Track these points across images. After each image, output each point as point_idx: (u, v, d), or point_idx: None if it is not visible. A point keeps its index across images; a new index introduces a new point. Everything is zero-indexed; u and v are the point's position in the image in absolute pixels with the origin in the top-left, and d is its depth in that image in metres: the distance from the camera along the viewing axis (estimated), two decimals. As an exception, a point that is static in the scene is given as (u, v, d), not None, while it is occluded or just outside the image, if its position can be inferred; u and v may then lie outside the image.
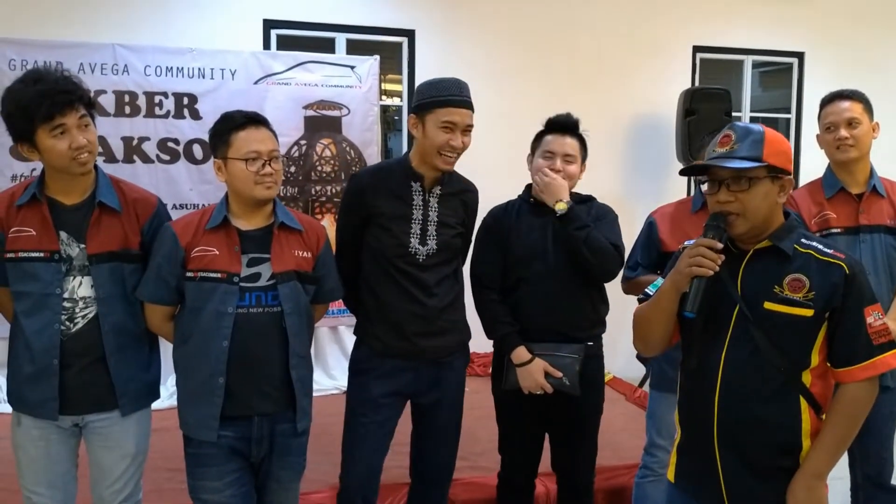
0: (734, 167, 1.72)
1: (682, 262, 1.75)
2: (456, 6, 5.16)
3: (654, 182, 5.38)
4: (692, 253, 1.73)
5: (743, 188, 1.73)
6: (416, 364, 2.46)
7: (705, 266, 1.70)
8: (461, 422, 2.62)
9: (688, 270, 1.73)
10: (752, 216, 1.74)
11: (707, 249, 1.71)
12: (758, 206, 1.73)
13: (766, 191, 1.74)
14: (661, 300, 1.83)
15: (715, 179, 1.77)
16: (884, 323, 1.75)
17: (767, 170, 1.73)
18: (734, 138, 1.76)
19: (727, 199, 1.74)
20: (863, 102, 2.72)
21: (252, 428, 2.18)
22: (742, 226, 1.75)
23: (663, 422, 2.79)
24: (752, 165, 1.72)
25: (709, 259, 1.71)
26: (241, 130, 2.16)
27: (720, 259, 1.72)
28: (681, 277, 1.75)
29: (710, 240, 1.73)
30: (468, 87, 2.44)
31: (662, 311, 1.83)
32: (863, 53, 5.82)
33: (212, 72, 4.17)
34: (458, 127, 2.37)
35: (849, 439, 1.76)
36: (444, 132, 2.37)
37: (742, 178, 1.73)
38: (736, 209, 1.74)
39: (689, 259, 1.73)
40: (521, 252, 2.56)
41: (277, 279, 2.17)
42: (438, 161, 2.39)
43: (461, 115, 2.38)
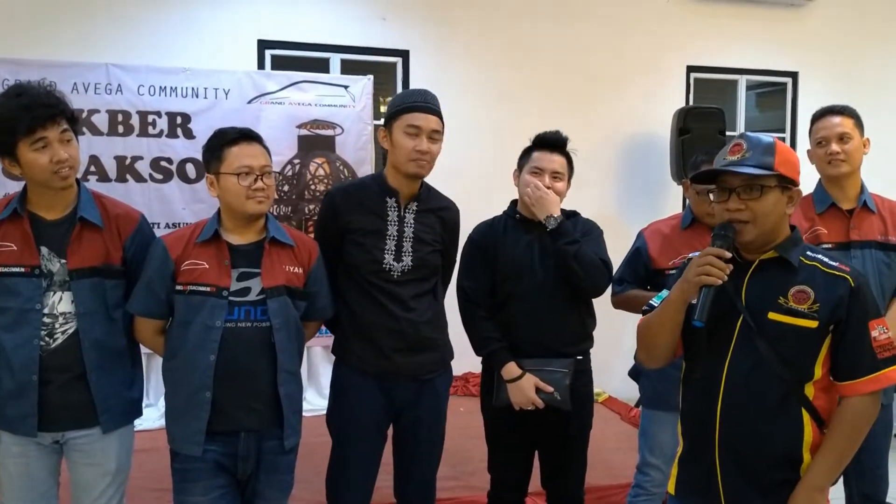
0: (748, 173, 1.73)
1: (691, 271, 1.75)
2: (450, 27, 5.19)
3: (647, 200, 5.38)
4: (701, 262, 1.73)
5: (754, 196, 1.74)
6: (394, 382, 2.43)
7: (714, 275, 1.70)
8: (443, 442, 2.58)
9: (696, 279, 1.72)
10: (761, 224, 1.75)
11: (715, 258, 1.71)
12: (768, 214, 1.74)
13: (775, 200, 1.75)
14: (668, 310, 1.82)
15: (725, 188, 1.78)
16: (889, 337, 1.74)
17: (778, 179, 1.75)
18: (745, 147, 1.77)
19: (738, 206, 1.75)
20: (854, 118, 2.73)
21: (238, 444, 2.16)
22: (751, 234, 1.75)
23: (656, 440, 2.77)
24: (764, 173, 1.73)
25: (717, 268, 1.70)
26: (233, 146, 2.18)
27: (728, 268, 1.72)
28: (689, 286, 1.75)
29: (718, 249, 1.73)
30: (436, 98, 2.45)
31: (670, 321, 1.83)
32: (855, 73, 5.85)
33: (205, 91, 4.18)
34: (422, 131, 2.36)
35: (850, 453, 1.75)
36: (409, 138, 2.36)
37: (754, 186, 1.74)
38: (746, 217, 1.74)
39: (698, 268, 1.73)
40: (509, 268, 2.55)
41: (267, 294, 2.17)
42: (411, 167, 2.38)
43: (425, 120, 2.37)
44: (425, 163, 2.38)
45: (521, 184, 2.60)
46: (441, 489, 3.22)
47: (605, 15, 5.46)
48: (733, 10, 5.68)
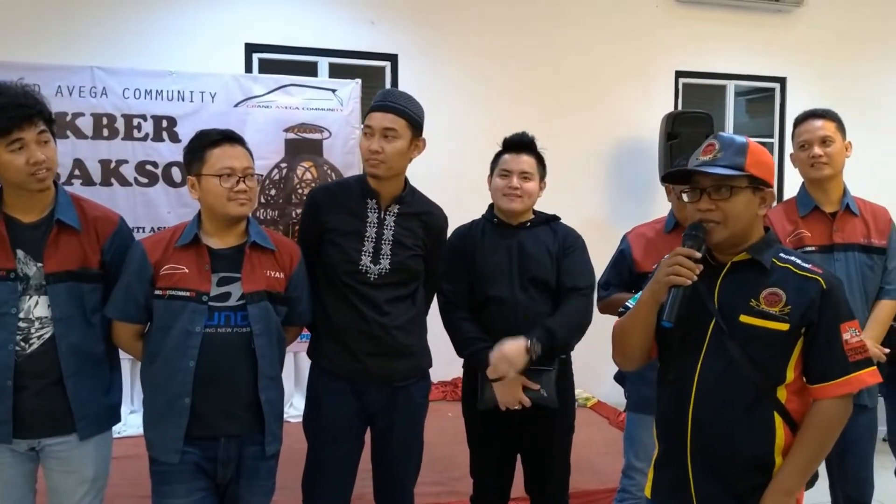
0: (716, 173, 1.72)
1: (661, 271, 1.74)
2: (439, 31, 5.18)
3: (636, 204, 5.38)
4: (670, 262, 1.72)
5: (724, 196, 1.73)
6: (365, 386, 2.40)
7: (683, 275, 1.70)
8: (421, 450, 2.56)
9: (665, 279, 1.72)
10: (732, 225, 1.74)
11: (685, 259, 1.71)
12: (738, 215, 1.74)
13: (746, 200, 1.74)
14: (639, 311, 1.82)
15: (697, 188, 1.78)
16: (861, 340, 1.73)
17: (749, 179, 1.74)
18: (718, 147, 1.77)
19: (708, 207, 1.75)
20: (835, 122, 2.74)
21: (219, 449, 2.14)
22: (721, 234, 1.75)
23: (641, 444, 2.76)
24: (733, 173, 1.72)
25: (686, 268, 1.70)
26: (215, 147, 2.16)
27: (698, 269, 1.71)
28: (659, 287, 1.74)
29: (688, 249, 1.72)
30: (404, 97, 2.41)
31: (641, 322, 1.82)
32: (843, 78, 5.85)
33: (191, 94, 4.15)
34: (374, 131, 2.34)
35: (821, 456, 1.74)
36: (365, 138, 2.37)
37: (723, 187, 1.73)
38: (716, 217, 1.74)
39: (667, 268, 1.72)
40: (487, 271, 2.55)
41: (247, 299, 2.15)
42: (366, 167, 2.39)
43: (377, 119, 2.34)
44: (378, 162, 2.34)
45: (492, 189, 2.63)
46: (427, 494, 3.23)
47: (594, 20, 5.46)
48: (722, 15, 5.69)
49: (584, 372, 2.68)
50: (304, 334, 2.58)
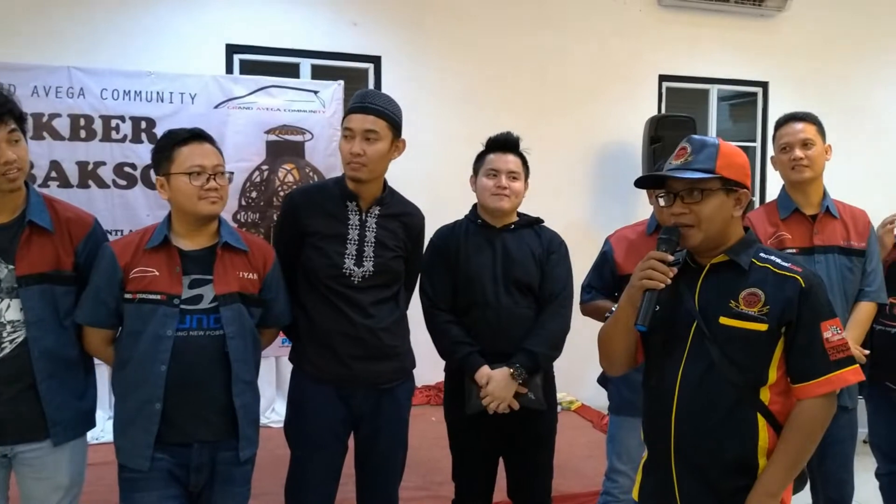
0: (686, 177, 1.72)
1: (634, 275, 1.74)
2: (423, 33, 5.17)
3: (621, 207, 5.37)
4: (643, 266, 1.72)
5: (696, 200, 1.73)
6: (352, 390, 2.37)
7: (656, 279, 1.69)
8: (406, 452, 2.53)
9: (639, 283, 1.72)
10: (706, 228, 1.73)
11: (658, 262, 1.70)
12: (711, 217, 1.73)
13: (719, 202, 1.74)
14: (619, 316, 1.82)
15: (670, 192, 1.77)
16: (842, 338, 1.71)
17: (721, 181, 1.73)
18: (689, 150, 1.76)
19: (681, 210, 1.74)
20: (816, 125, 2.75)
21: (191, 454, 2.10)
22: (695, 238, 1.74)
23: (623, 446, 2.76)
24: (704, 176, 1.71)
25: (659, 272, 1.69)
26: (183, 146, 2.13)
27: (671, 272, 1.71)
28: (634, 291, 1.74)
29: (661, 252, 1.72)
30: (383, 98, 2.39)
31: (622, 327, 1.82)
32: (824, 83, 5.91)
33: (171, 96, 4.10)
34: (355, 133, 2.32)
35: (805, 456, 1.72)
36: (345, 141, 2.34)
37: (695, 190, 1.73)
38: (690, 221, 1.73)
39: (641, 272, 1.72)
40: (470, 274, 2.53)
41: (220, 301, 2.11)
42: (347, 171, 2.35)
43: (357, 121, 2.32)
44: (359, 165, 2.32)
45: (478, 189, 2.60)
46: (410, 499, 3.20)
47: (578, 23, 5.47)
48: (705, 20, 5.71)
49: (568, 375, 2.68)
50: (285, 338, 2.55)
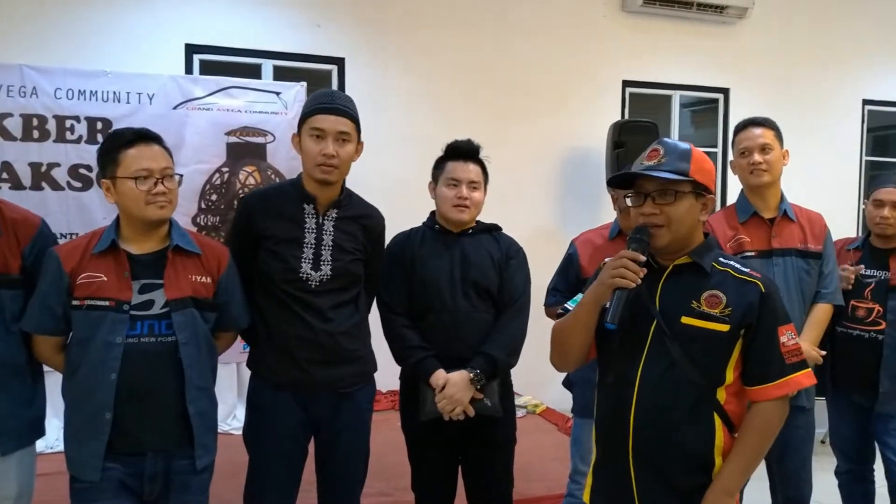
0: (663, 177, 1.74)
1: (605, 273, 1.74)
2: (387, 36, 5.14)
3: (585, 212, 5.39)
4: (615, 265, 1.72)
5: (668, 201, 1.75)
6: (312, 395, 2.33)
7: (628, 278, 1.70)
8: (368, 456, 2.50)
9: (610, 282, 1.72)
10: (675, 230, 1.76)
11: (630, 261, 1.71)
12: (681, 219, 1.75)
13: (689, 205, 1.77)
14: (581, 313, 1.81)
15: (641, 192, 1.79)
16: (796, 342, 1.76)
17: (692, 185, 1.76)
18: (662, 152, 1.78)
19: (652, 211, 1.76)
20: (774, 130, 2.80)
21: (145, 464, 2.04)
22: (665, 238, 1.76)
23: (587, 448, 2.75)
24: (679, 178, 1.74)
25: (631, 271, 1.70)
26: (130, 147, 2.06)
27: (642, 272, 1.72)
28: (603, 289, 1.74)
29: (633, 252, 1.73)
30: (349, 99, 2.37)
31: (582, 324, 1.81)
32: (783, 89, 5.99)
33: (128, 96, 4.03)
34: (327, 134, 2.27)
35: (760, 456, 1.77)
36: (314, 141, 2.28)
37: (668, 192, 1.75)
38: (660, 221, 1.75)
39: (612, 270, 1.72)
40: (427, 279, 2.50)
41: (171, 306, 2.06)
42: (317, 172, 2.29)
43: (330, 122, 2.27)
44: (331, 168, 2.28)
45: (439, 198, 2.57)
46: (373, 505, 3.16)
47: (542, 28, 5.47)
48: (667, 26, 5.76)
49: (533, 378, 2.66)
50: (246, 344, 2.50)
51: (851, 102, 6.30)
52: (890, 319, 2.85)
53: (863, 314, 2.91)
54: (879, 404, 2.86)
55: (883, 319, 2.86)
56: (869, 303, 2.91)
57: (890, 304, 2.86)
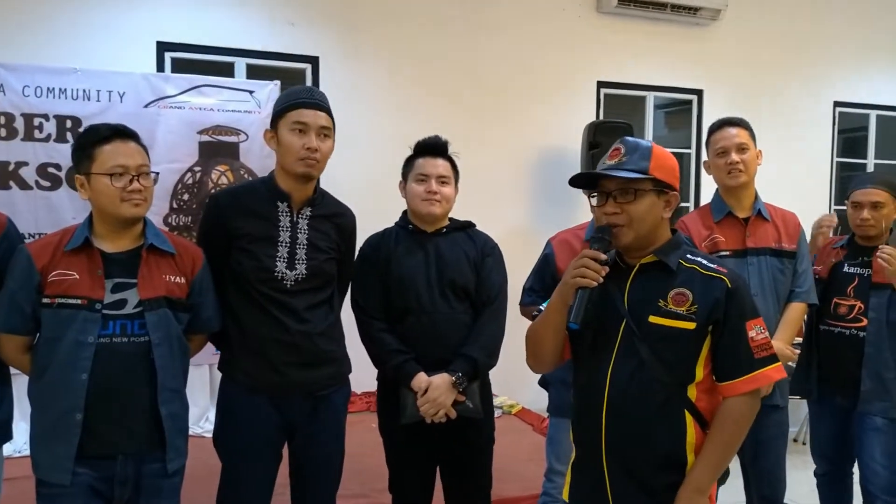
0: (620, 177, 1.74)
1: (567, 273, 1.75)
2: (362, 34, 5.11)
3: (560, 212, 5.39)
4: (577, 264, 1.73)
5: (629, 200, 1.75)
6: (287, 399, 2.30)
7: (589, 277, 1.71)
8: (343, 459, 2.48)
9: (572, 282, 1.73)
10: (637, 228, 1.76)
11: (591, 261, 1.71)
12: (643, 217, 1.76)
13: (651, 203, 1.77)
14: (549, 314, 1.82)
15: (603, 192, 1.79)
16: (766, 337, 1.78)
17: (653, 182, 1.76)
18: (623, 151, 1.78)
19: (614, 210, 1.77)
20: (748, 130, 2.82)
21: (115, 467, 2.00)
22: (627, 237, 1.77)
23: (562, 447, 2.77)
24: (637, 177, 1.74)
25: (592, 270, 1.70)
26: (106, 143, 2.02)
27: (604, 271, 1.72)
28: (566, 289, 1.75)
29: (594, 251, 1.73)
30: (324, 95, 2.35)
31: (551, 325, 1.82)
32: (756, 91, 6.05)
33: (98, 94, 3.96)
34: (309, 128, 2.25)
35: (732, 452, 1.77)
36: (297, 135, 2.25)
37: (628, 190, 1.75)
38: (622, 221, 1.76)
39: (574, 270, 1.73)
40: (403, 279, 2.47)
41: (145, 306, 2.03)
42: (300, 167, 2.26)
43: (312, 116, 2.26)
44: (315, 162, 2.26)
45: (408, 195, 2.55)
46: (348, 508, 3.14)
47: (518, 29, 5.47)
48: (642, 27, 5.79)
49: (509, 379, 2.66)
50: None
51: (823, 104, 6.38)
52: (871, 317, 2.86)
53: (844, 311, 2.92)
54: (861, 403, 2.86)
55: (864, 316, 2.87)
56: (851, 300, 2.92)
57: (872, 301, 2.87)
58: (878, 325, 2.85)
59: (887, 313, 2.84)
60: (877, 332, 2.85)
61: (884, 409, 2.84)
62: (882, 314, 2.84)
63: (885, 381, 2.83)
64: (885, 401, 2.84)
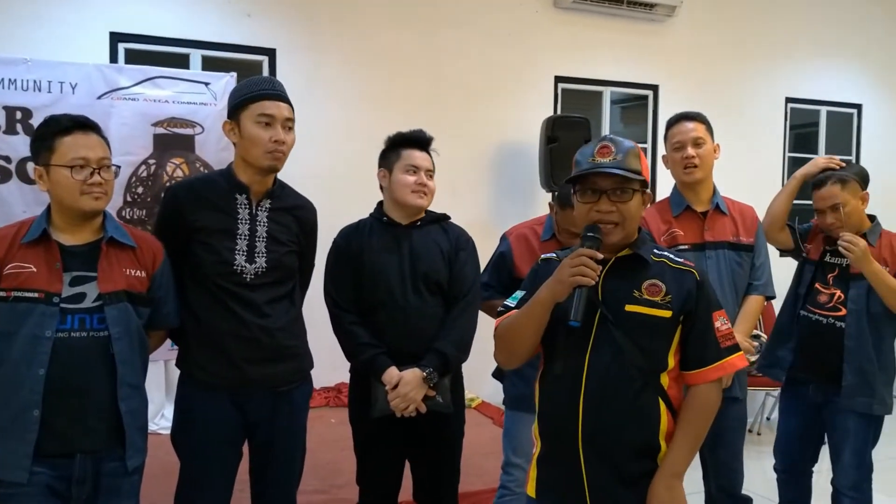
0: (626, 175, 1.76)
1: (564, 272, 1.74)
2: (319, 27, 5.06)
3: (518, 206, 5.44)
4: (574, 263, 1.73)
5: (624, 199, 1.78)
6: (247, 395, 2.27)
7: (588, 276, 1.72)
8: (304, 457, 2.46)
9: (571, 280, 1.72)
10: (627, 226, 1.81)
11: (589, 259, 1.73)
12: (633, 216, 1.81)
13: (639, 202, 1.83)
14: (535, 310, 1.81)
15: (596, 189, 1.80)
16: (729, 327, 1.85)
17: (641, 183, 1.81)
18: (614, 149, 1.80)
19: (609, 208, 1.79)
20: (705, 124, 2.84)
21: (74, 466, 1.96)
22: (618, 235, 1.81)
23: (518, 440, 2.79)
24: (636, 177, 1.78)
25: (591, 269, 1.72)
26: (66, 135, 1.98)
27: (599, 268, 1.74)
28: (562, 287, 1.75)
29: (591, 251, 1.74)
30: (284, 87, 2.32)
31: (537, 321, 1.82)
32: (711, 86, 6.16)
33: (49, 85, 3.84)
34: (276, 120, 2.23)
35: (702, 437, 1.83)
36: (263, 128, 2.22)
37: (626, 189, 1.79)
38: (615, 219, 1.79)
39: (572, 269, 1.73)
40: (376, 273, 2.46)
41: (104, 300, 1.99)
42: (266, 160, 2.23)
43: (277, 108, 2.24)
44: (281, 154, 2.24)
45: (396, 184, 2.50)
46: (310, 503, 3.11)
47: (476, 23, 5.48)
48: (599, 22, 5.84)
49: (468, 373, 2.66)
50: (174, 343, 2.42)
51: (775, 100, 6.52)
52: (851, 308, 2.86)
53: (825, 299, 2.93)
54: (842, 398, 2.85)
55: (843, 306, 2.87)
56: (831, 288, 2.93)
57: (851, 293, 2.86)
58: (857, 317, 2.84)
59: (867, 304, 2.84)
60: (857, 325, 2.84)
61: (866, 404, 2.84)
62: (861, 305, 2.84)
63: (867, 374, 2.83)
64: (867, 395, 2.84)
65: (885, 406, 2.89)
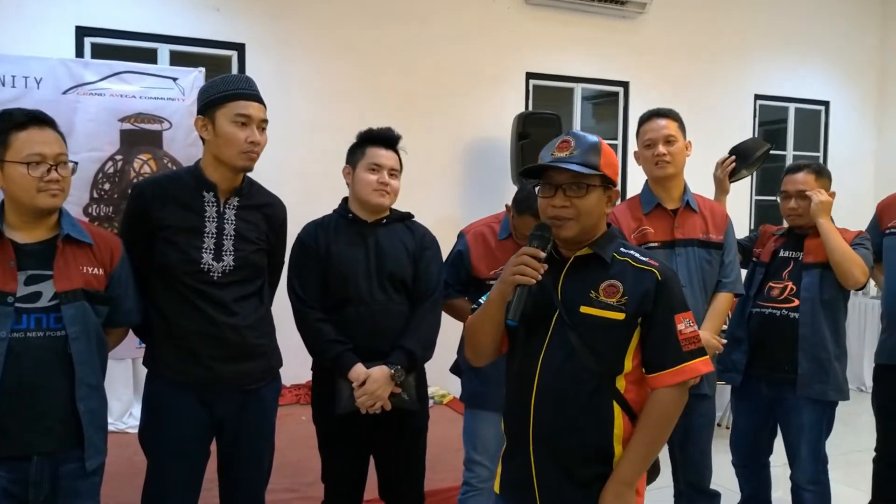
0: (577, 170, 1.75)
1: (506, 270, 1.75)
2: (290, 21, 5.02)
3: (489, 203, 5.36)
4: (516, 262, 1.73)
5: (580, 194, 1.76)
6: (215, 394, 2.25)
7: (528, 275, 1.71)
8: (272, 455, 2.44)
9: (511, 279, 1.72)
10: (583, 222, 1.77)
11: (530, 258, 1.72)
12: (590, 212, 1.77)
13: (597, 198, 1.79)
14: (488, 309, 1.82)
15: (552, 184, 1.79)
16: (694, 330, 1.79)
17: (601, 179, 1.78)
18: (573, 144, 1.78)
19: (563, 203, 1.77)
20: (677, 121, 2.83)
21: (30, 469, 1.92)
22: (573, 230, 1.77)
23: (478, 437, 2.80)
24: (591, 172, 1.76)
25: (532, 268, 1.71)
26: (21, 130, 1.93)
27: (543, 268, 1.73)
28: (505, 286, 1.75)
29: (533, 249, 1.73)
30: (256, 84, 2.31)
31: (490, 320, 1.82)
32: (681, 83, 6.20)
33: (13, 79, 3.77)
34: (252, 121, 2.21)
35: (659, 445, 1.78)
36: (239, 128, 2.20)
37: (580, 184, 1.76)
38: (570, 214, 1.77)
39: (513, 268, 1.73)
40: (342, 270, 2.44)
41: (61, 299, 1.94)
42: (241, 160, 2.22)
43: (255, 109, 2.22)
44: (256, 155, 2.23)
45: (359, 182, 2.50)
46: (277, 502, 3.10)
47: (447, 18, 5.47)
48: (570, 18, 5.86)
49: (439, 369, 2.66)
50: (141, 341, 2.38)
51: (743, 97, 6.59)
52: (804, 296, 2.88)
53: (777, 293, 2.95)
54: (798, 386, 2.87)
55: (796, 297, 2.90)
56: (784, 282, 2.95)
57: (804, 282, 2.89)
58: (811, 305, 2.87)
59: (819, 292, 2.87)
60: (811, 312, 2.87)
61: (822, 390, 2.87)
62: (814, 292, 2.87)
63: (822, 361, 2.86)
64: (823, 382, 2.87)
65: (841, 392, 2.93)
